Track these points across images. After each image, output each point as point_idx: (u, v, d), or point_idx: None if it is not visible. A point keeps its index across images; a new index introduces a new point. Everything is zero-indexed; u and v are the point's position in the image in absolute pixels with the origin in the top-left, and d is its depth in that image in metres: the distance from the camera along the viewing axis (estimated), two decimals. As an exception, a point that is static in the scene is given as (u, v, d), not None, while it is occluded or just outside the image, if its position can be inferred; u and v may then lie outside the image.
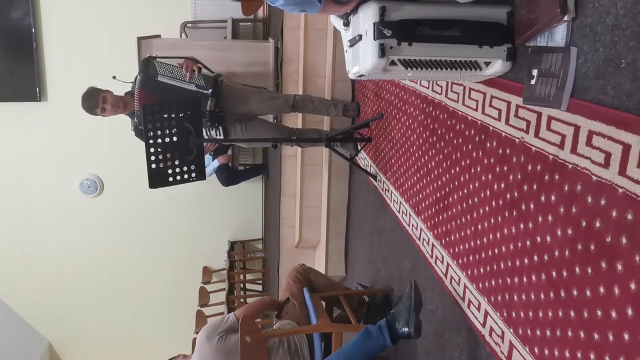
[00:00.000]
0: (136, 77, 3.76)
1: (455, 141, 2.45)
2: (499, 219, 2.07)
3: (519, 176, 1.92)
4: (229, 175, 6.61)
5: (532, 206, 1.85)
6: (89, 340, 7.85)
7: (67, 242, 7.32)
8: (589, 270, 1.55)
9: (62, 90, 6.64)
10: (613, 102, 1.49)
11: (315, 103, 4.02)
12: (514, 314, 1.97)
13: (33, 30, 6.48)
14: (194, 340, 6.31)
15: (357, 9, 2.04)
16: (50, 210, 7.20)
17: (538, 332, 1.81)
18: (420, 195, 2.91)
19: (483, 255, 2.20)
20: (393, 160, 3.35)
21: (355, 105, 4.07)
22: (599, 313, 1.51)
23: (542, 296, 1.79)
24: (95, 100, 3.72)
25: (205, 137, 3.78)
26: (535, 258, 1.82)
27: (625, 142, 1.43)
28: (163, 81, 3.74)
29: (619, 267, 1.43)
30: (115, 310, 7.69)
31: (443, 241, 2.60)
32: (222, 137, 3.85)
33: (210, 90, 3.74)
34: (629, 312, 1.39)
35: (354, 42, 2.06)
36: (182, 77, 3.77)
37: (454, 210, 2.48)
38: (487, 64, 2.00)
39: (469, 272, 2.32)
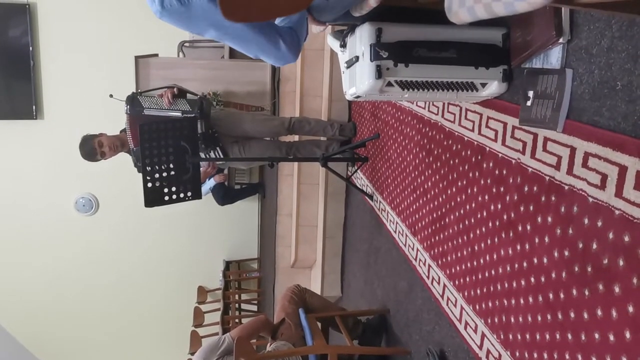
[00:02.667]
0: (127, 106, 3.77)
1: (451, 162, 2.45)
2: (496, 240, 2.06)
3: (516, 197, 1.92)
4: (225, 194, 6.58)
5: (528, 227, 1.84)
6: (81, 360, 7.76)
7: (61, 261, 7.27)
8: (586, 293, 1.54)
9: (58, 108, 6.65)
10: (609, 124, 1.49)
11: (311, 124, 4.03)
12: (511, 336, 1.95)
13: (30, 48, 6.49)
14: (188, 360, 6.26)
15: (353, 30, 2.05)
16: (44, 229, 7.15)
17: (535, 355, 1.80)
18: (417, 216, 2.90)
19: (480, 276, 2.19)
20: (389, 180, 3.35)
21: (352, 125, 4.09)
22: (596, 336, 1.50)
23: (539, 318, 1.77)
24: (91, 147, 3.75)
25: (204, 164, 3.82)
26: (532, 280, 1.81)
27: (622, 164, 1.43)
28: (151, 114, 3.75)
29: (617, 289, 1.42)
30: (109, 330, 7.61)
31: (439, 262, 2.59)
32: (220, 156, 3.86)
33: (197, 113, 3.74)
34: (627, 335, 1.38)
35: (350, 63, 2.07)
36: (166, 106, 3.78)
37: (451, 231, 2.47)
38: (483, 85, 2.01)
39: (466, 294, 2.31)
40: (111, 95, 3.86)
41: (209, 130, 3.77)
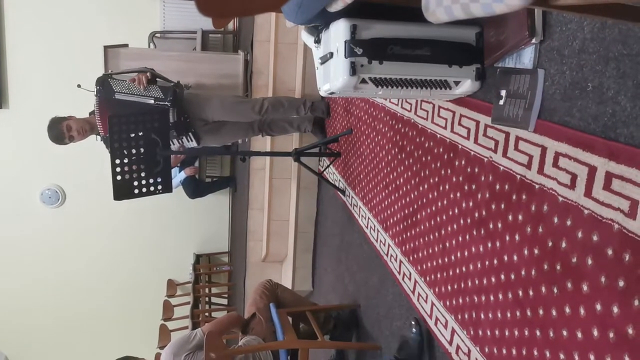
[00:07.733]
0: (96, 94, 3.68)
1: (424, 158, 2.46)
2: (467, 237, 2.08)
3: (487, 195, 1.94)
4: (196, 188, 6.53)
5: (499, 225, 1.86)
6: (48, 355, 7.62)
7: (26, 254, 7.12)
8: (555, 290, 1.57)
9: (23, 98, 6.50)
10: (579, 124, 1.51)
11: (285, 106, 3.98)
12: (480, 332, 1.98)
13: (-5, 36, 6.34)
14: (157, 355, 6.20)
15: (328, 26, 2.04)
16: (8, 222, 6.99)
17: (504, 351, 1.82)
18: (389, 212, 2.92)
19: (450, 273, 2.21)
20: (362, 176, 3.36)
21: (325, 104, 4.03)
22: (564, 333, 1.52)
23: (509, 315, 1.80)
24: (59, 131, 3.68)
25: (174, 148, 3.73)
26: (502, 277, 1.84)
27: (591, 164, 1.45)
28: (121, 99, 3.68)
29: (585, 287, 1.45)
30: (76, 323, 7.49)
31: (411, 258, 2.60)
32: (194, 142, 3.83)
33: (169, 101, 3.67)
34: (595, 332, 1.41)
35: (325, 59, 2.06)
36: (138, 92, 3.68)
37: (422, 227, 2.48)
38: (457, 83, 2.03)
39: (437, 290, 2.33)
40: (79, 85, 3.77)
41: (181, 117, 3.72)
